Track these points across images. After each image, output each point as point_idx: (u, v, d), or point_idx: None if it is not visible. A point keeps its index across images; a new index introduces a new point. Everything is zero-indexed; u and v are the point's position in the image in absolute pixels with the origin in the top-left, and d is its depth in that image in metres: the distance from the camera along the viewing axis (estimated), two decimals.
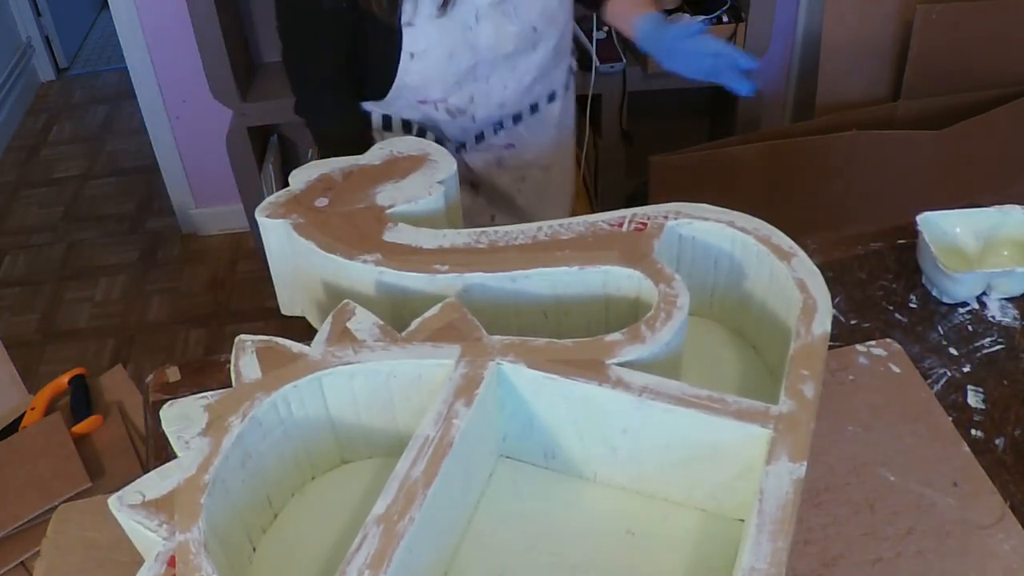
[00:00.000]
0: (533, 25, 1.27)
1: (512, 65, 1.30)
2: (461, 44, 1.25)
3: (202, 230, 2.87)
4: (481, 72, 1.29)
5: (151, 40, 2.48)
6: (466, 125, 1.36)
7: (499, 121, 1.38)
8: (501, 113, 1.36)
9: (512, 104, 1.36)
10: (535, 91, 1.37)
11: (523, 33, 1.27)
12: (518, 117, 1.39)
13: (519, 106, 1.38)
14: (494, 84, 1.31)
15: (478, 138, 1.39)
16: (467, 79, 1.29)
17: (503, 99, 1.34)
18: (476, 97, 1.31)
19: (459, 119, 1.34)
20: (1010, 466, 0.91)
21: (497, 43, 1.26)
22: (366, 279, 0.90)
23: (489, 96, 1.32)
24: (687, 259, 0.96)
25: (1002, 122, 2.13)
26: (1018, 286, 1.10)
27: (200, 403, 0.77)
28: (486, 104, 1.33)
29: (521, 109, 1.38)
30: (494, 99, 1.33)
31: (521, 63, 1.31)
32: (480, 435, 0.80)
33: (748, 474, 0.77)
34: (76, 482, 1.42)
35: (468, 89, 1.30)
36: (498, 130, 1.39)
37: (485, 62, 1.28)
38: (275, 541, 0.82)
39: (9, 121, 3.48)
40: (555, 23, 1.30)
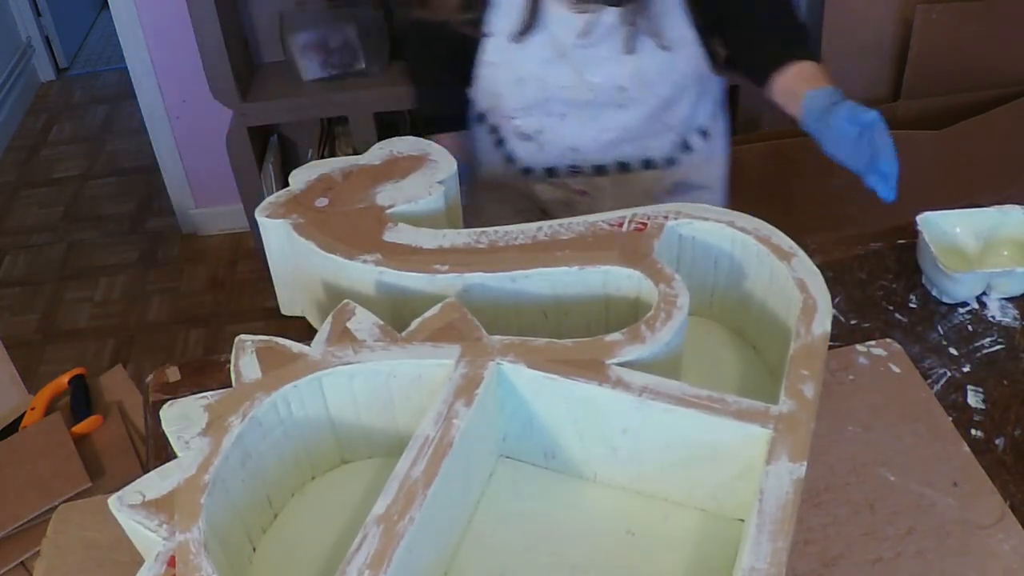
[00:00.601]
0: (620, 84, 1.19)
1: (593, 115, 1.22)
2: (532, 75, 1.19)
3: (202, 230, 2.87)
4: (554, 108, 1.22)
5: (151, 40, 2.48)
6: (534, 153, 1.29)
7: (575, 164, 1.29)
8: (575, 157, 1.28)
9: (590, 152, 1.27)
10: (624, 150, 1.27)
11: (605, 88, 1.19)
12: (601, 169, 1.30)
13: (600, 158, 1.28)
14: (569, 124, 1.24)
15: (549, 171, 1.32)
16: (536, 109, 1.23)
17: (577, 143, 1.26)
18: (546, 130, 1.25)
19: (526, 144, 1.28)
20: (1010, 466, 0.91)
21: (572, 88, 1.19)
22: (366, 279, 0.90)
23: (560, 134, 1.25)
24: (687, 259, 0.96)
25: (1002, 122, 2.13)
26: (1018, 286, 1.10)
27: (200, 403, 0.77)
28: (556, 141, 1.26)
29: (605, 162, 1.28)
30: (566, 139, 1.26)
31: (604, 117, 1.22)
32: (480, 435, 0.80)
33: (748, 474, 0.77)
34: (76, 482, 1.42)
35: (538, 119, 1.24)
36: (575, 172, 1.31)
37: (558, 100, 1.21)
38: (275, 541, 0.82)
39: (9, 121, 3.48)
40: (653, 91, 1.20)
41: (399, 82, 2.25)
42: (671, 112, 1.24)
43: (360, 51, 2.25)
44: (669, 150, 1.29)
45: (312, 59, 2.25)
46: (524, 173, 1.32)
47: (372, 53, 2.26)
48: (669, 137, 1.27)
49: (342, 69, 2.26)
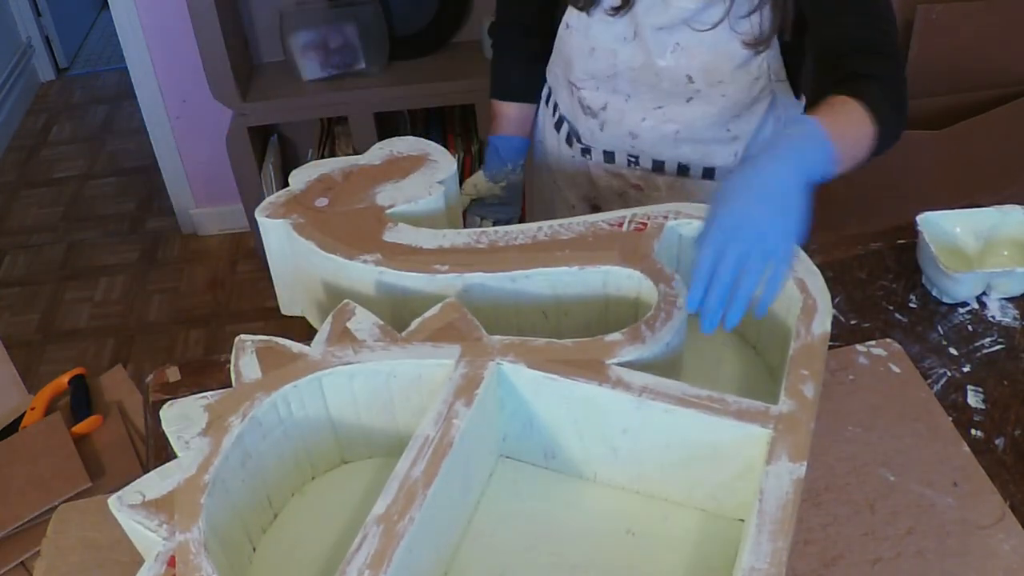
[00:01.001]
0: (689, 74, 1.15)
1: (657, 102, 1.19)
2: (606, 49, 1.17)
3: (202, 230, 2.87)
4: (620, 87, 1.20)
5: (151, 40, 2.48)
6: (594, 131, 1.27)
7: (634, 155, 1.26)
8: (634, 145, 1.24)
9: (648, 143, 1.23)
10: (684, 152, 1.23)
11: (674, 76, 1.16)
12: (660, 166, 1.26)
13: (659, 152, 1.24)
14: (632, 108, 1.21)
15: (607, 155, 1.29)
16: (604, 84, 1.21)
17: (637, 130, 1.22)
18: (610, 108, 1.23)
19: (588, 119, 1.26)
20: (1010, 466, 0.91)
21: (639, 69, 1.17)
22: (366, 279, 0.90)
23: (622, 116, 1.22)
24: (687, 259, 0.96)
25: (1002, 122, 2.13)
26: (1018, 286, 1.10)
27: (200, 403, 0.77)
28: (617, 122, 1.23)
29: (664, 159, 1.25)
30: (626, 123, 1.23)
31: (669, 108, 1.19)
32: (480, 435, 0.80)
33: (748, 474, 0.77)
34: (76, 482, 1.42)
35: (604, 95, 1.22)
36: (632, 163, 1.27)
37: (625, 80, 1.19)
38: (275, 541, 0.82)
39: (9, 121, 3.48)
40: (722, 91, 1.16)
41: (399, 82, 2.26)
42: (738, 121, 1.20)
43: (360, 51, 2.25)
44: (733, 162, 1.24)
45: (312, 59, 2.25)
46: (583, 153, 1.31)
47: (372, 53, 2.26)
48: (734, 148, 1.22)
49: (342, 69, 2.27)
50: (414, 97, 2.26)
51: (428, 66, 2.31)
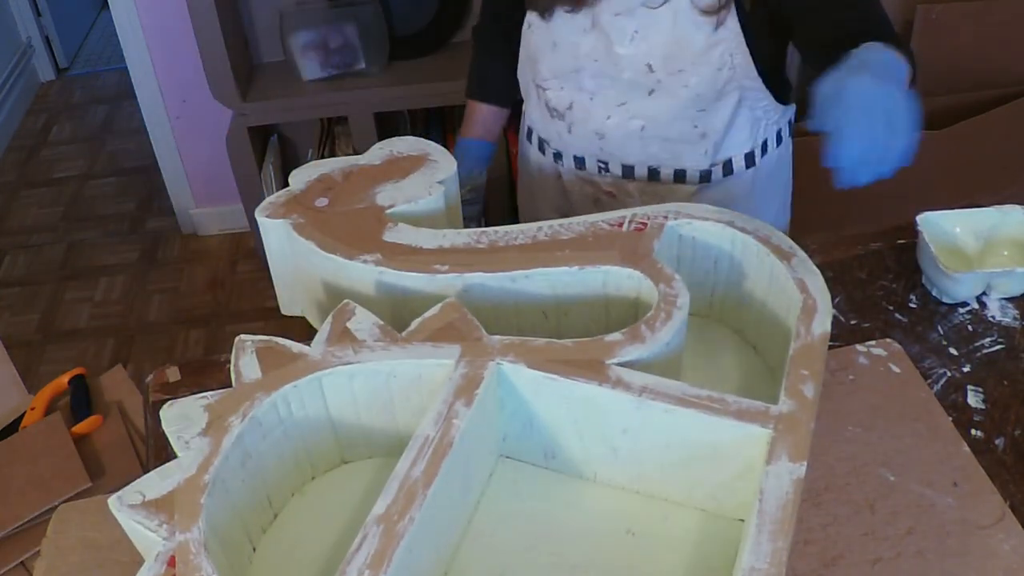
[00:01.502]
0: (649, 63, 1.13)
1: (620, 98, 1.18)
2: (567, 42, 1.16)
3: (202, 230, 2.87)
4: (584, 83, 1.19)
5: (151, 40, 2.48)
6: (563, 134, 1.26)
7: (603, 159, 1.25)
8: (602, 147, 1.23)
9: (615, 144, 1.22)
10: (651, 151, 1.22)
11: (634, 65, 1.14)
12: (630, 171, 1.25)
13: (627, 154, 1.23)
14: (596, 105, 1.20)
15: (577, 162, 1.28)
16: (569, 82, 1.20)
17: (603, 129, 1.21)
18: (575, 107, 1.22)
19: (556, 122, 1.25)
20: (1010, 466, 0.91)
21: (601, 60, 1.15)
22: (366, 279, 0.90)
23: (588, 114, 1.21)
24: (687, 259, 0.96)
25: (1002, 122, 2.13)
26: (1018, 286, 1.10)
27: (200, 403, 0.77)
28: (583, 122, 1.22)
29: (634, 162, 1.23)
30: (592, 122, 1.21)
31: (632, 103, 1.18)
32: (480, 435, 0.80)
33: (748, 474, 0.77)
34: (76, 482, 1.42)
35: (569, 94, 1.21)
36: (602, 170, 1.26)
37: (588, 74, 1.18)
38: (275, 541, 0.82)
39: (9, 121, 3.48)
40: (684, 81, 1.14)
41: (399, 82, 2.26)
42: (704, 117, 1.18)
43: (360, 51, 2.25)
44: (704, 163, 1.22)
45: (312, 59, 2.25)
46: (555, 159, 1.30)
47: (372, 53, 2.26)
48: (703, 147, 1.21)
49: (342, 69, 2.27)
50: (414, 97, 2.26)
51: (428, 66, 2.31)
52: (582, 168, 1.29)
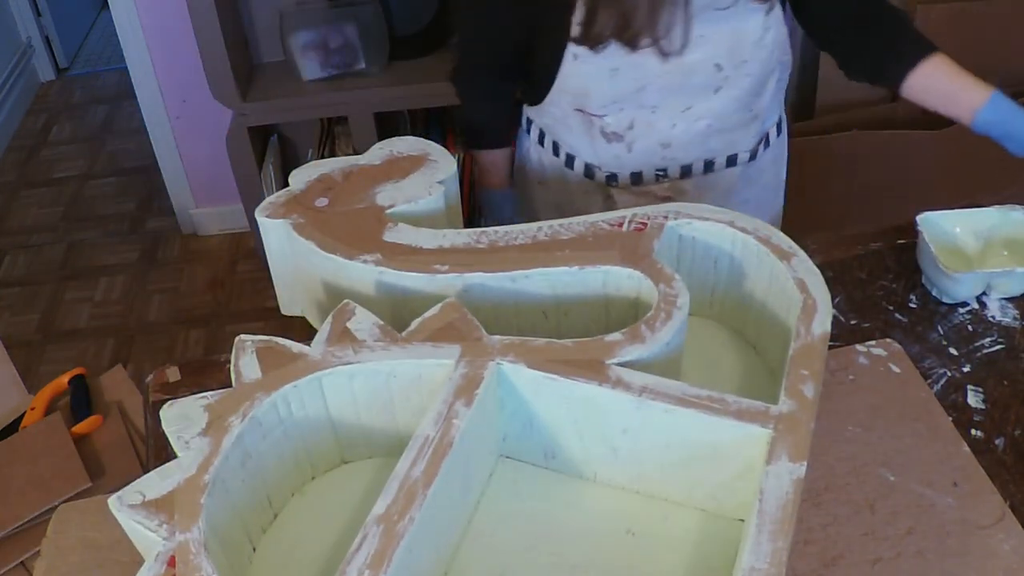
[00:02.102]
0: (717, 62, 1.14)
1: (686, 103, 1.18)
2: (629, 64, 1.13)
3: (202, 230, 2.87)
4: (647, 99, 1.17)
5: (151, 40, 2.48)
6: (621, 155, 1.23)
7: (663, 168, 1.24)
8: (664, 155, 1.23)
9: (680, 149, 1.22)
10: (711, 145, 1.23)
11: (704, 68, 1.15)
12: (687, 170, 1.25)
13: (688, 155, 1.23)
14: (660, 117, 1.19)
15: (634, 177, 1.26)
16: (629, 102, 1.17)
17: (668, 138, 1.20)
18: (637, 125, 1.20)
19: (614, 145, 1.22)
20: (1010, 466, 0.91)
21: (669, 72, 1.14)
22: (366, 279, 0.90)
23: (652, 129, 1.20)
24: (687, 259, 0.96)
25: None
26: (1018, 286, 1.10)
27: (200, 403, 0.77)
28: (647, 137, 1.21)
29: (692, 160, 1.24)
30: (656, 135, 1.20)
31: (697, 103, 1.18)
32: (480, 435, 0.80)
33: (748, 474, 0.77)
34: (76, 482, 1.42)
35: (629, 114, 1.19)
36: (660, 178, 1.26)
37: (654, 89, 1.16)
38: (275, 541, 0.82)
39: (9, 121, 3.48)
40: (747, 70, 1.16)
41: (399, 82, 2.25)
42: (759, 99, 1.21)
43: (360, 51, 2.25)
44: (753, 143, 1.26)
45: (312, 59, 2.25)
46: (609, 181, 1.27)
47: (372, 53, 2.26)
48: (755, 128, 1.24)
49: (342, 69, 2.26)
50: (414, 97, 2.26)
51: (428, 66, 2.31)
52: (638, 183, 1.27)
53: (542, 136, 1.31)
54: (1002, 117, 1.11)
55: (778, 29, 1.17)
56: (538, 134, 1.32)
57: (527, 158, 1.38)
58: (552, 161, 1.32)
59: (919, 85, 1.17)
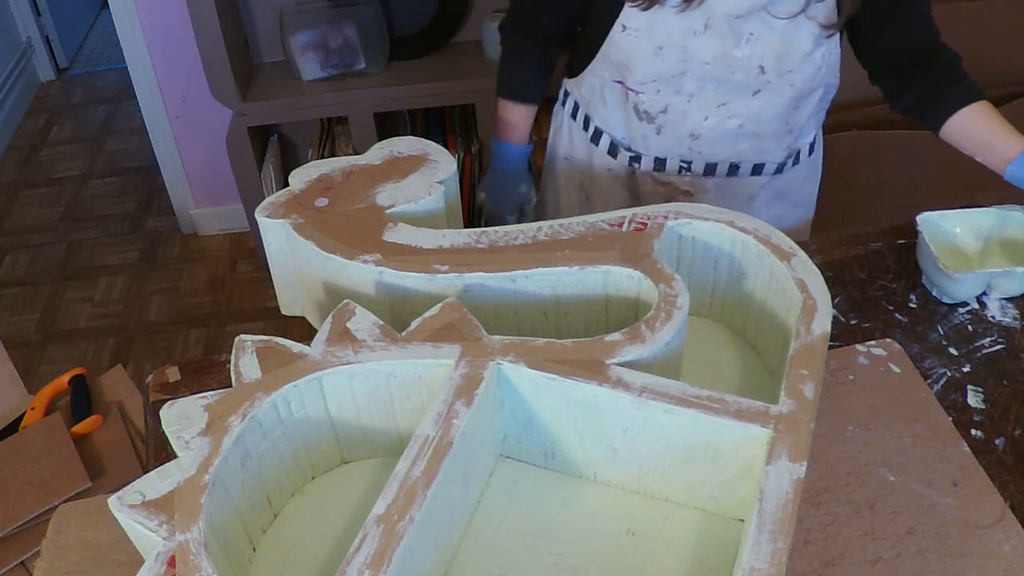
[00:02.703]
0: (762, 64, 1.14)
1: (723, 98, 1.18)
2: (676, 45, 1.14)
3: (202, 230, 2.87)
4: (686, 86, 1.18)
5: (151, 40, 2.48)
6: (649, 136, 1.24)
7: (688, 160, 1.25)
8: (692, 147, 1.23)
9: (708, 143, 1.23)
10: (740, 147, 1.23)
11: (747, 67, 1.15)
12: (712, 168, 1.26)
13: (715, 152, 1.24)
14: (694, 107, 1.19)
15: (658, 164, 1.27)
16: (668, 85, 1.18)
17: (698, 130, 1.21)
18: (670, 110, 1.20)
19: (644, 125, 1.23)
20: (1010, 466, 0.91)
21: (713, 63, 1.14)
22: (366, 279, 0.90)
23: (684, 116, 1.20)
24: (687, 259, 0.96)
25: None
26: (1018, 286, 1.10)
27: (200, 403, 0.77)
28: (677, 123, 1.21)
29: (718, 160, 1.25)
30: (688, 123, 1.21)
31: (733, 102, 1.18)
32: (480, 435, 0.80)
33: (748, 474, 0.77)
34: (76, 482, 1.42)
35: (665, 97, 1.19)
36: (684, 170, 1.27)
37: (694, 77, 1.16)
38: (275, 541, 0.82)
39: (9, 121, 3.48)
40: (790, 80, 1.17)
41: (399, 82, 2.26)
42: (797, 113, 1.21)
43: (360, 51, 2.25)
44: (782, 156, 1.26)
45: (312, 59, 2.25)
46: (632, 162, 1.28)
47: (372, 53, 2.26)
48: (787, 142, 1.25)
49: (342, 69, 2.26)
50: (414, 97, 2.26)
51: (428, 66, 2.31)
52: (661, 170, 1.27)
53: (575, 109, 1.33)
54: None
55: (831, 50, 1.17)
56: (572, 107, 1.34)
57: (559, 131, 1.39)
58: (581, 136, 1.34)
59: (957, 130, 1.19)
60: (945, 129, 1.20)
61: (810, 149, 1.32)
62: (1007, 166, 1.13)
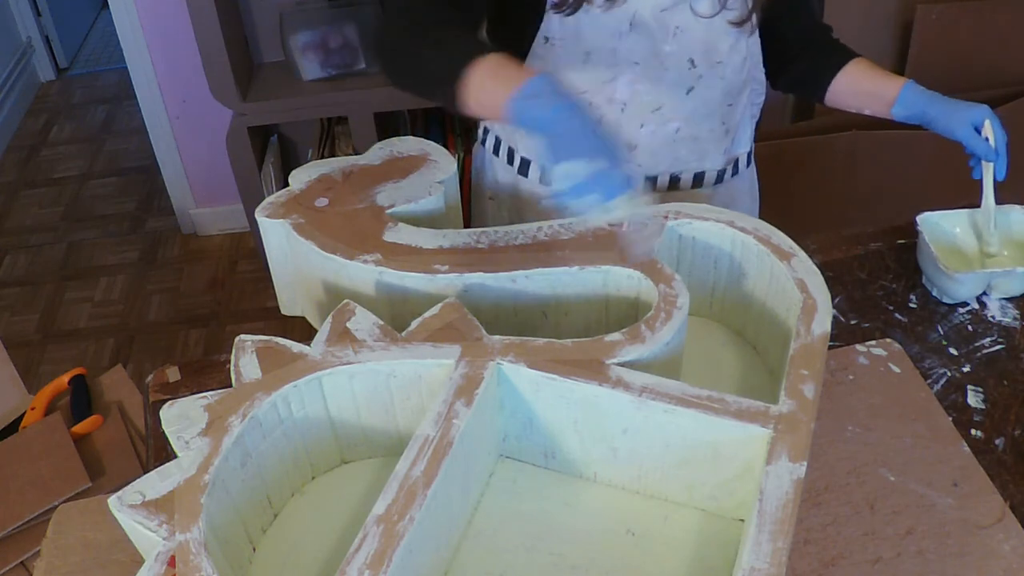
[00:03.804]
0: (691, 58, 1.11)
1: (656, 102, 1.14)
2: (603, 49, 1.10)
3: (202, 230, 2.87)
4: (618, 93, 1.14)
5: (151, 40, 2.48)
6: None
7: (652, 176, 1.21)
8: (629, 158, 1.18)
9: (647, 154, 1.18)
10: (680, 154, 1.19)
11: (678, 62, 1.11)
12: (651, 182, 1.21)
13: (656, 165, 1.19)
14: (628, 118, 1.15)
15: None
16: (599, 95, 1.14)
17: (635, 139, 1.17)
18: (604, 122, 1.14)
19: None
20: (1010, 466, 0.91)
21: (644, 60, 1.11)
22: (366, 279, 0.90)
23: (618, 128, 1.16)
24: (687, 259, 0.96)
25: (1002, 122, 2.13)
26: (1018, 286, 1.10)
27: (200, 403, 0.77)
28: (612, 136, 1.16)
29: (658, 172, 1.20)
30: (623, 133, 1.17)
31: (668, 103, 1.15)
32: (480, 435, 0.80)
33: (748, 474, 0.77)
34: (76, 482, 1.42)
35: (597, 109, 1.15)
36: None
37: (625, 81, 1.13)
38: (275, 541, 0.82)
39: (9, 121, 3.48)
40: (720, 72, 1.14)
41: None
42: (731, 112, 1.20)
43: (360, 51, 2.25)
44: (721, 163, 1.23)
45: (312, 59, 2.25)
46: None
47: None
48: (724, 144, 1.22)
49: (342, 69, 2.26)
50: (414, 97, 2.26)
51: None
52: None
53: (496, 145, 1.26)
54: (914, 108, 1.14)
55: (754, 40, 1.17)
56: (493, 143, 1.27)
57: (482, 172, 1.32)
58: (505, 171, 1.26)
59: (839, 90, 1.20)
60: (829, 92, 1.21)
61: (747, 159, 1.29)
62: (891, 109, 1.15)
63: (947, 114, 1.13)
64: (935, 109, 1.13)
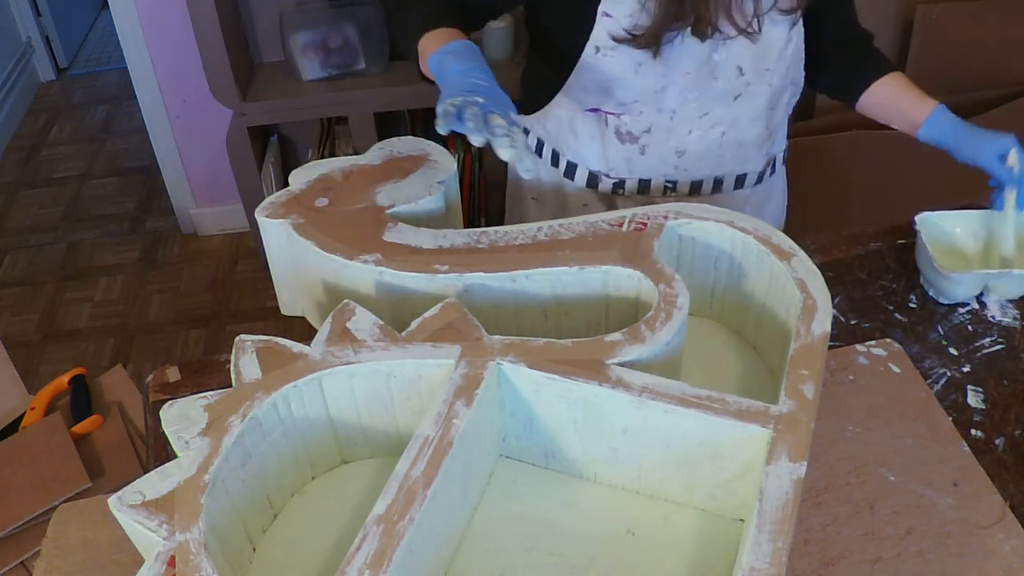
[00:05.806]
0: (740, 65, 1.12)
1: (703, 108, 1.15)
2: (656, 58, 1.10)
3: (202, 230, 2.87)
4: (668, 101, 1.14)
5: (151, 40, 2.48)
6: (633, 158, 1.20)
7: (673, 180, 1.21)
8: (677, 165, 1.20)
9: (693, 159, 1.20)
10: (724, 158, 1.21)
11: (727, 70, 1.13)
12: (697, 186, 1.23)
13: (701, 169, 1.21)
14: (677, 124, 1.16)
15: (642, 185, 1.22)
16: (650, 103, 1.15)
17: (683, 145, 1.18)
18: (654, 130, 1.17)
19: (627, 147, 1.19)
20: (1010, 466, 0.91)
21: (696, 71, 1.12)
22: (366, 279, 0.90)
23: (668, 135, 1.17)
24: (687, 259, 0.96)
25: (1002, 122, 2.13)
26: (1016, 288, 1.10)
27: (200, 403, 0.78)
28: (662, 142, 1.18)
29: (703, 175, 1.22)
30: (672, 140, 1.18)
31: (715, 110, 1.16)
32: (480, 435, 0.80)
33: (748, 474, 0.77)
34: (76, 482, 1.42)
35: (648, 118, 1.16)
36: (669, 191, 1.22)
37: (676, 88, 1.13)
38: (275, 541, 0.82)
39: (9, 121, 3.48)
40: (768, 80, 1.15)
41: (399, 82, 2.26)
42: (774, 113, 1.21)
43: (360, 51, 2.25)
44: (762, 164, 1.25)
45: (312, 59, 2.25)
46: (615, 189, 1.23)
47: (372, 53, 2.26)
48: (767, 147, 1.24)
49: (342, 69, 2.26)
50: (414, 97, 2.26)
51: None
52: (645, 192, 1.23)
53: (540, 146, 1.28)
54: (941, 134, 1.16)
55: (798, 44, 1.17)
56: (535, 144, 1.28)
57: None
58: (550, 173, 1.28)
59: (872, 102, 1.22)
60: (861, 102, 1.23)
61: (783, 157, 1.33)
62: (918, 130, 1.17)
63: (973, 142, 1.14)
64: (961, 136, 1.14)
